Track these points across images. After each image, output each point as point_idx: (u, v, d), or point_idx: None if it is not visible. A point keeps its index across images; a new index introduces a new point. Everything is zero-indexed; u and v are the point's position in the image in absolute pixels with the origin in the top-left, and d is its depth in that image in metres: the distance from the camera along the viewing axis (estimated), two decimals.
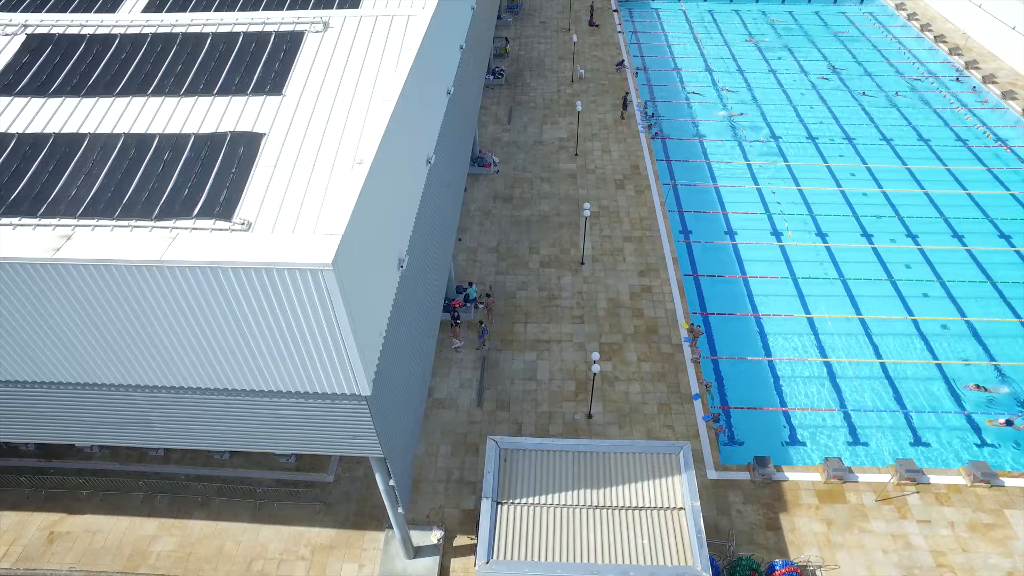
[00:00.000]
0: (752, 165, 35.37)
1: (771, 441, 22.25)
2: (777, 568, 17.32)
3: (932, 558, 18.54)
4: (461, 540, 19.09)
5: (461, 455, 21.10)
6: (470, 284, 25.96)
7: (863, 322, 26.34)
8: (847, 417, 22.94)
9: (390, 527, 19.02)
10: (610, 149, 36.00)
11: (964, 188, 33.40)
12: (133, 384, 12.52)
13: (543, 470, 16.62)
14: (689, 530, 15.31)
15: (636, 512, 15.77)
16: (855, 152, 36.42)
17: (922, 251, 29.58)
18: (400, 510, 15.76)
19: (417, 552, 18.49)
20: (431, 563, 18.33)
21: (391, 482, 14.75)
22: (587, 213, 26.87)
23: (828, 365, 24.72)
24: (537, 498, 16.07)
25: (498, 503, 15.95)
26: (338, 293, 10.07)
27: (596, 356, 20.41)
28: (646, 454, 16.92)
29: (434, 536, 18.78)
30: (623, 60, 44.71)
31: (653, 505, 15.88)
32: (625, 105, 38.83)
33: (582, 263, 28.37)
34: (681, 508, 15.87)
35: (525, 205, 31.97)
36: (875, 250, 29.72)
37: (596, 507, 15.91)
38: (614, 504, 15.94)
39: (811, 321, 26.45)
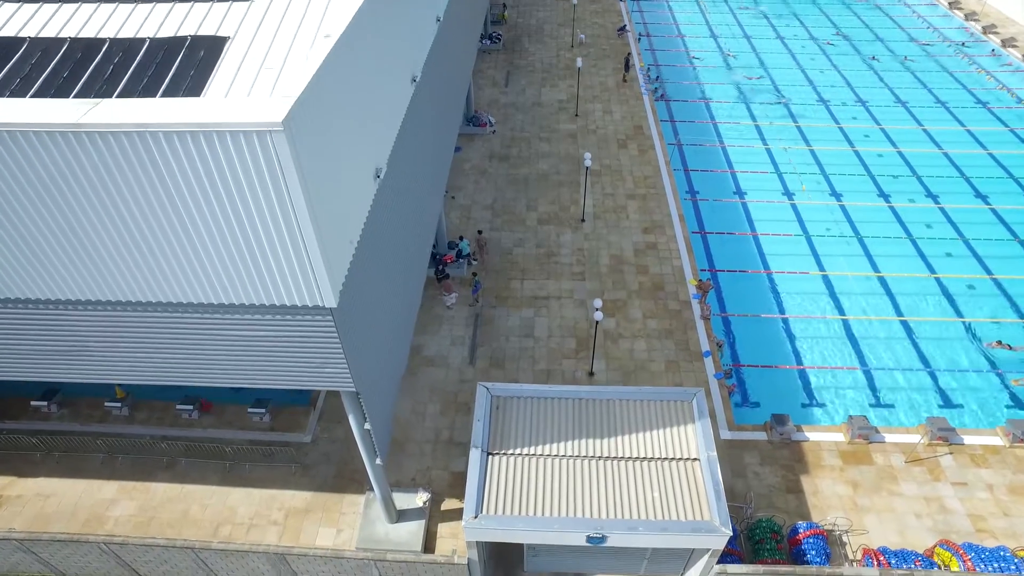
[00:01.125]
0: (761, 127, 33.65)
1: (788, 402, 20.51)
2: (800, 531, 15.61)
3: (971, 523, 16.83)
4: (450, 504, 17.36)
5: (451, 415, 19.37)
6: (461, 238, 24.24)
7: (883, 280, 24.63)
8: (869, 376, 21.23)
9: (371, 489, 17.32)
10: (612, 110, 34.28)
11: (985, 148, 31.72)
12: (62, 299, 10.79)
13: (540, 419, 14.90)
14: (705, 482, 13.61)
15: (645, 463, 14.06)
16: (868, 114, 34.70)
17: (943, 210, 27.85)
18: (378, 461, 14.02)
19: (401, 516, 16.75)
20: (416, 528, 16.60)
21: (366, 426, 13.03)
22: (588, 163, 25.14)
23: (846, 323, 23.01)
24: (533, 448, 14.35)
25: (489, 454, 14.23)
26: (292, 165, 8.33)
27: (598, 304, 18.69)
28: (655, 402, 15.19)
29: (419, 499, 17.05)
30: (625, 25, 42.99)
31: (664, 456, 14.17)
32: (627, 67, 37.11)
33: (582, 220, 26.63)
34: (695, 459, 14.16)
35: (523, 164, 30.25)
36: (893, 209, 28.01)
37: (599, 458, 14.19)
38: (620, 455, 14.22)
39: (827, 279, 24.72)
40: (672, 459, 14.06)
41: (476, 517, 12.87)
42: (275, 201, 8.89)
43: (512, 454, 14.16)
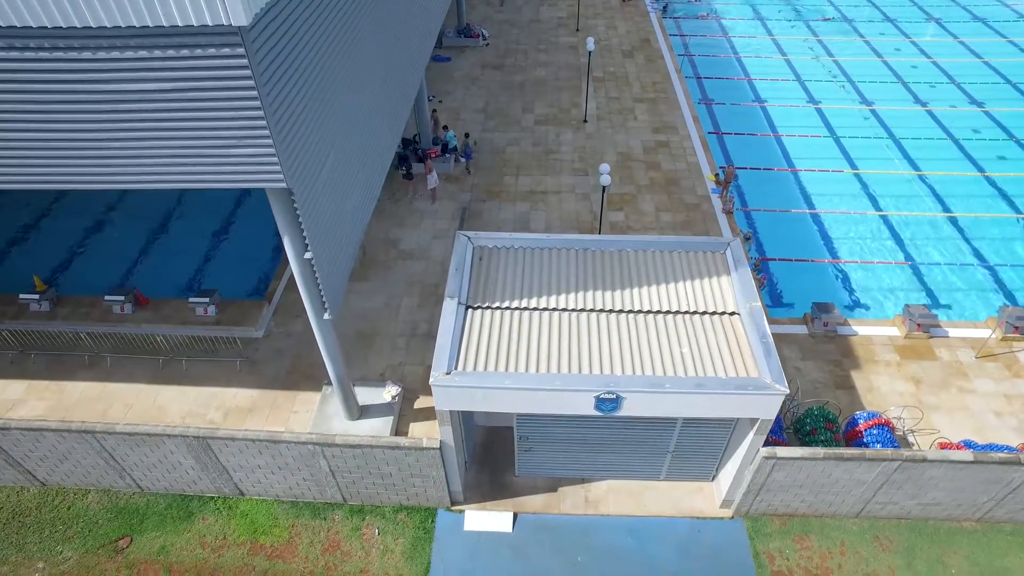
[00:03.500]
0: (779, 40, 30.74)
1: (825, 300, 17.55)
2: (861, 421, 12.60)
3: None
4: (425, 402, 14.32)
5: (430, 307, 16.34)
6: (446, 128, 21.24)
7: (925, 180, 21.65)
8: (919, 272, 18.19)
9: (329, 383, 14.32)
10: (616, 26, 31.23)
11: None
12: None
13: (536, 271, 11.86)
14: (749, 336, 10.63)
15: (669, 317, 11.05)
16: (897, 30, 31.81)
17: (990, 115, 24.84)
18: (326, 316, 10.99)
19: (364, 413, 13.70)
20: (381, 426, 13.54)
21: (307, 255, 9.91)
22: (591, 47, 22.13)
23: (887, 220, 20.00)
24: (526, 301, 11.34)
25: (468, 307, 11.26)
26: None
27: (606, 168, 15.70)
28: (678, 252, 12.18)
29: (387, 393, 14.02)
30: None
31: (693, 309, 11.20)
32: None
33: (584, 121, 23.64)
34: (734, 313, 11.18)
35: (518, 72, 27.18)
36: (932, 114, 25.00)
37: (611, 311, 11.22)
38: (636, 308, 11.26)
39: (861, 178, 21.70)
40: (704, 313, 11.05)
41: (449, 373, 9.87)
42: None
43: (499, 307, 11.12)
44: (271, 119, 8.29)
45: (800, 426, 12.61)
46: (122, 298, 16.12)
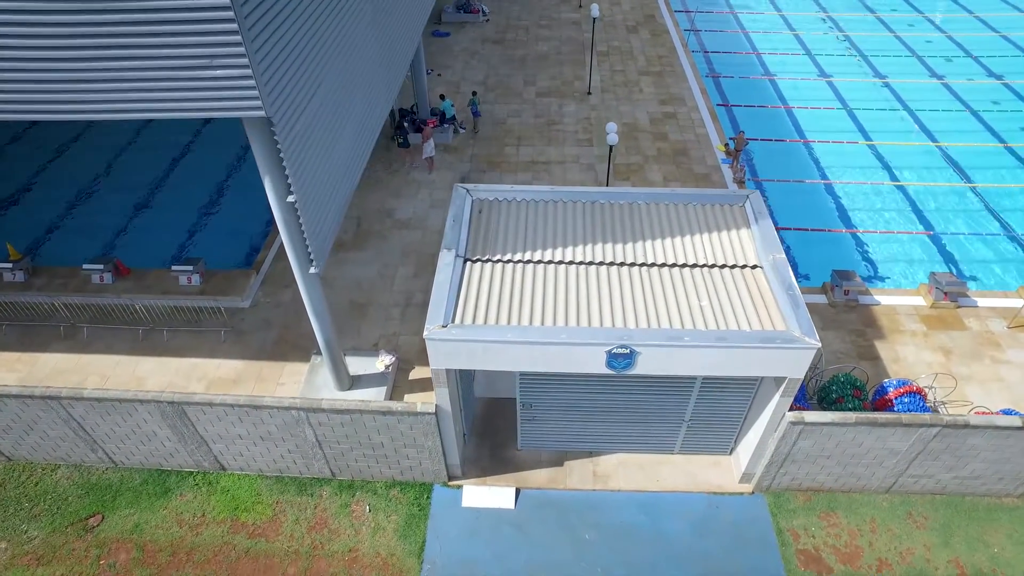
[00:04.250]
0: (788, 17, 29.85)
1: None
2: (891, 389, 11.69)
3: None
4: (421, 372, 13.40)
5: (426, 277, 15.42)
6: (442, 97, 20.35)
7: (944, 151, 20.76)
8: (941, 243, 17.33)
9: (318, 352, 13.43)
10: (620, 2, 30.35)
11: None
12: None
13: (541, 223, 10.94)
14: (773, 289, 9.74)
15: (686, 270, 10.16)
16: (910, 6, 30.97)
17: (1010, 87, 23.98)
18: (312, 269, 10.09)
19: (355, 383, 12.78)
20: (374, 397, 12.53)
21: (290, 198, 8.97)
22: (596, 14, 21.24)
23: (904, 190, 19.12)
24: (530, 254, 10.44)
25: (467, 260, 10.37)
26: None
27: (613, 127, 14.83)
28: (693, 205, 11.26)
29: (381, 362, 13.12)
30: None
31: (711, 263, 10.31)
32: None
33: (588, 93, 22.75)
34: (756, 266, 10.30)
35: (519, 46, 26.28)
36: (948, 86, 24.15)
37: (623, 264, 10.33)
38: (650, 261, 10.36)
39: (876, 149, 20.80)
40: (724, 266, 10.16)
41: (445, 326, 8.98)
42: None
43: (501, 260, 10.22)
44: (247, 35, 7.38)
45: (825, 394, 11.68)
46: (101, 267, 15.23)
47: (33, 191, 19.18)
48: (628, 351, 8.66)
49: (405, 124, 19.89)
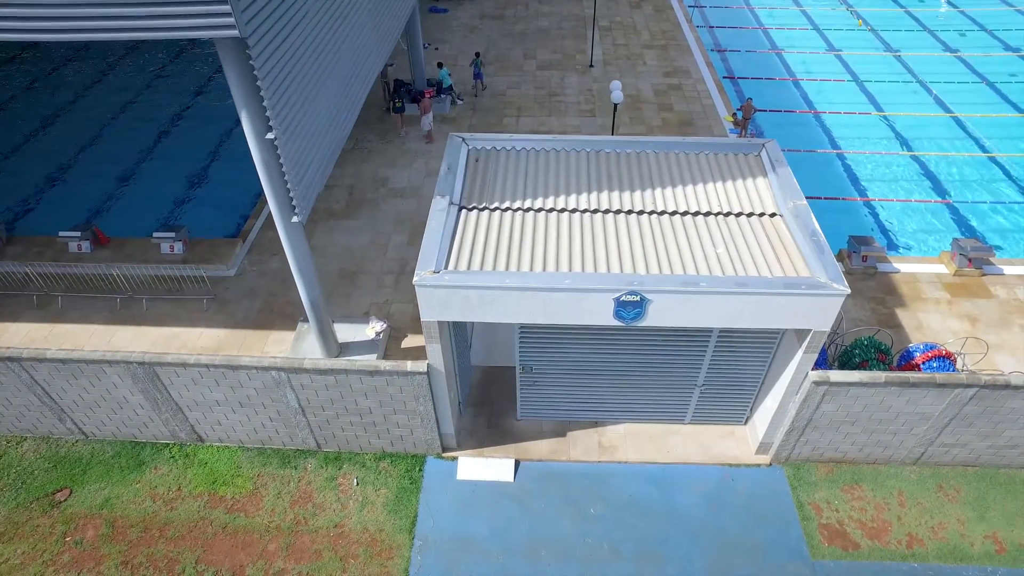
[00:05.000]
0: None
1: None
2: (917, 353, 10.91)
3: None
4: (414, 340, 12.65)
5: (420, 244, 14.70)
6: (440, 65, 19.59)
7: (959, 121, 19.99)
8: (958, 212, 16.46)
9: (305, 319, 12.64)
10: None
11: None
12: None
13: (542, 171, 10.16)
14: (795, 236, 8.97)
15: (699, 218, 9.38)
16: None
17: None
18: (295, 219, 9.30)
19: (343, 351, 12.03)
20: None
21: (269, 135, 8.15)
22: None
23: (920, 160, 18.36)
24: (531, 202, 9.68)
25: (462, 207, 9.60)
26: None
27: (617, 85, 14.07)
28: (705, 154, 10.47)
29: (371, 329, 12.34)
30: None
31: (727, 210, 9.54)
32: None
33: (591, 66, 21.99)
34: (775, 214, 9.53)
35: (519, 21, 25.49)
36: (963, 59, 23.43)
37: (629, 212, 9.55)
38: (660, 209, 9.58)
39: (890, 120, 20.01)
40: (740, 214, 9.39)
41: (438, 271, 8.21)
42: None
43: (499, 208, 9.44)
44: None
45: (847, 359, 10.87)
46: (78, 234, 14.48)
47: (15, 159, 18.47)
48: (638, 299, 7.88)
49: (402, 95, 19.16)
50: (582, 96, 20.20)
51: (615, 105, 14.44)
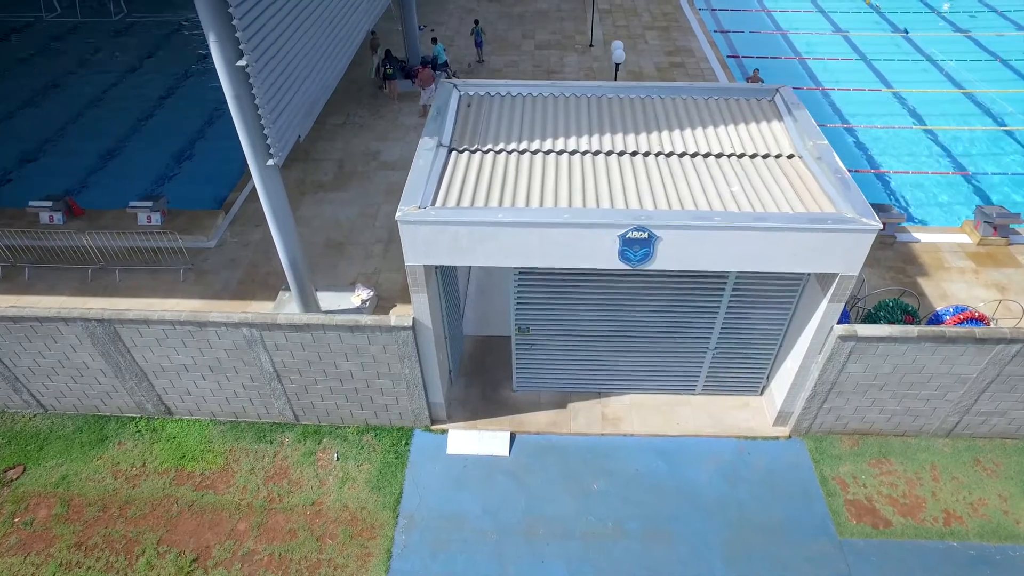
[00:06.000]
0: None
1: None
2: (947, 317, 10.08)
3: None
4: (403, 311, 11.84)
5: None
6: (434, 40, 18.93)
7: (973, 97, 19.22)
8: (976, 184, 15.70)
9: (286, 288, 11.81)
10: None
11: None
12: None
13: (541, 114, 9.39)
14: (817, 175, 8.17)
15: (710, 159, 8.58)
16: None
17: None
18: (271, 162, 8.53)
19: None
20: None
21: (241, 61, 7.41)
22: None
23: (934, 134, 17.61)
24: (528, 143, 8.91)
25: (451, 149, 8.82)
26: None
27: (619, 45, 13.39)
28: (714, 99, 9.66)
29: (357, 297, 11.49)
30: None
31: (741, 152, 8.75)
32: None
33: (591, 45, 21.31)
34: (792, 155, 8.74)
35: (517, 3, 24.84)
36: (975, 39, 22.78)
37: (635, 153, 8.76)
38: (667, 150, 8.79)
39: (900, 96, 19.25)
40: (755, 155, 8.60)
41: (423, 207, 7.40)
42: None
43: (493, 150, 8.67)
44: None
45: (874, 318, 10.06)
46: (49, 204, 13.72)
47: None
48: (646, 235, 7.06)
49: (395, 72, 18.52)
50: (582, 73, 19.49)
51: (616, 66, 13.74)
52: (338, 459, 9.62)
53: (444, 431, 9.84)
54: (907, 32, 23.37)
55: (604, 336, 9.24)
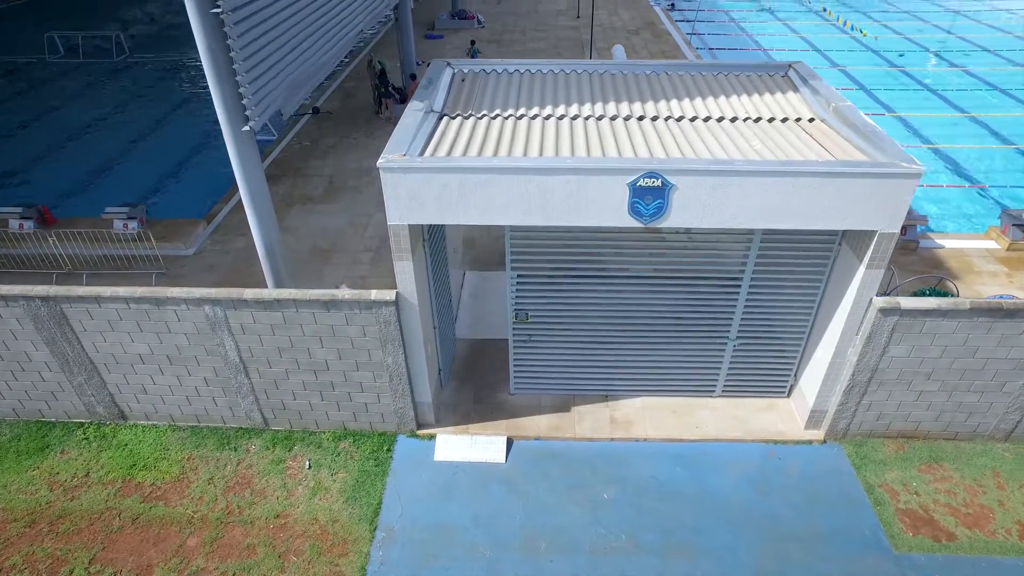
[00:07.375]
0: (793, 24, 29.35)
1: None
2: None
3: None
4: None
5: None
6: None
7: (977, 120, 18.98)
8: (993, 196, 15.13)
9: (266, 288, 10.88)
10: (619, 13, 29.97)
11: None
12: None
13: (539, 89, 8.74)
14: (841, 132, 7.43)
15: (725, 123, 7.86)
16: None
17: None
18: (247, 126, 7.78)
19: None
20: None
21: (215, 8, 6.88)
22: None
23: (940, 152, 17.21)
24: (525, 111, 8.24)
25: (443, 115, 8.13)
26: None
27: (620, 50, 13.07)
28: (725, 75, 9.03)
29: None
30: None
31: (759, 116, 8.04)
32: None
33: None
34: (813, 119, 8.04)
35: (516, 44, 25.37)
36: (971, 73, 22.97)
37: (642, 118, 8.06)
38: (677, 115, 8.09)
39: (902, 119, 19.15)
40: (772, 119, 7.91)
41: (409, 155, 6.62)
42: None
43: (486, 115, 7.91)
44: None
45: None
46: (20, 210, 13.03)
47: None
48: (659, 183, 6.26)
49: (391, 93, 18.47)
50: None
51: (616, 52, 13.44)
52: (310, 467, 8.40)
53: (432, 436, 8.66)
54: (902, 55, 23.74)
55: (610, 327, 8.25)
